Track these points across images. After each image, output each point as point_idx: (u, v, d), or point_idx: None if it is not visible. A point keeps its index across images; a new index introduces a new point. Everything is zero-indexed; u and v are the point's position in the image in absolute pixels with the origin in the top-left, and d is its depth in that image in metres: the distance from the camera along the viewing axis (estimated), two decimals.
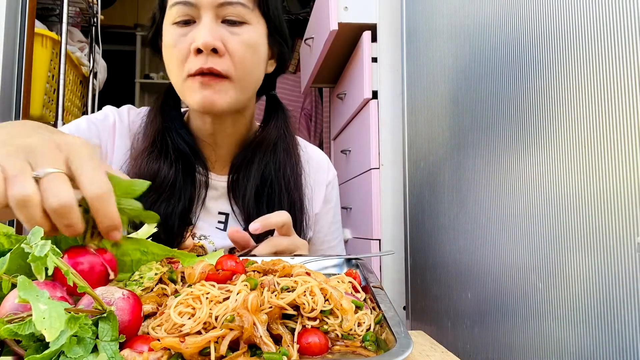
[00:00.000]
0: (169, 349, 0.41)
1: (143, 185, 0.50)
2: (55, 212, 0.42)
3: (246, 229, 0.87)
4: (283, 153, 0.90)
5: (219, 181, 0.89)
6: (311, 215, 0.96)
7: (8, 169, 0.41)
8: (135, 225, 0.60)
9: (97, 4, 2.16)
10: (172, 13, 0.79)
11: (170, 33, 0.80)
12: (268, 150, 0.88)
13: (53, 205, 0.42)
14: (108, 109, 0.91)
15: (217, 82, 0.78)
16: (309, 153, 0.98)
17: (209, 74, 0.77)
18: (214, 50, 0.76)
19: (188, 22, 0.79)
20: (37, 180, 0.42)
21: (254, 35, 0.80)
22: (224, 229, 0.88)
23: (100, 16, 2.17)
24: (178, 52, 0.78)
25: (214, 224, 0.88)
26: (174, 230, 0.82)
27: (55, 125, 1.71)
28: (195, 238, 0.86)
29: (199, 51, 0.76)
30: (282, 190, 0.88)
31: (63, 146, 0.45)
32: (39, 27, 1.64)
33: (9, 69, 1.36)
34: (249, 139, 0.91)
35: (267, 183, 0.87)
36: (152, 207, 0.81)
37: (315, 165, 0.99)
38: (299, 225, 0.90)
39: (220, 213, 0.89)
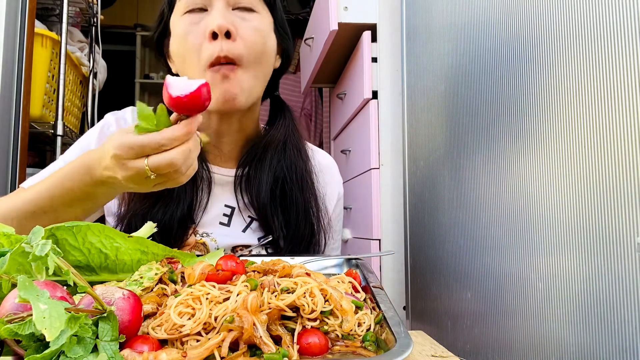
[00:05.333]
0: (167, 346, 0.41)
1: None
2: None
3: (255, 223, 0.87)
4: (293, 151, 0.90)
5: (223, 175, 0.89)
6: (328, 212, 0.95)
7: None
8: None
9: (97, 4, 2.16)
10: (182, 4, 0.81)
11: (181, 23, 0.81)
12: (278, 148, 0.89)
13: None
14: (110, 117, 0.90)
15: (234, 73, 0.78)
16: (318, 159, 0.97)
17: (226, 64, 0.78)
18: (227, 35, 0.77)
19: (199, 11, 0.80)
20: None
21: (262, 22, 0.83)
22: (228, 224, 0.88)
23: (100, 16, 2.16)
24: (193, 39, 0.79)
25: (217, 219, 0.87)
26: (173, 235, 0.81)
27: (55, 124, 1.71)
28: (198, 235, 0.85)
29: (213, 36, 0.77)
30: (295, 189, 0.88)
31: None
32: (39, 27, 1.64)
33: (9, 69, 1.36)
34: (254, 137, 0.91)
35: (279, 180, 0.87)
36: (149, 213, 0.80)
37: (328, 173, 0.98)
38: (315, 224, 0.89)
39: (226, 206, 0.88)
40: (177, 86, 0.54)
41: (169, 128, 0.56)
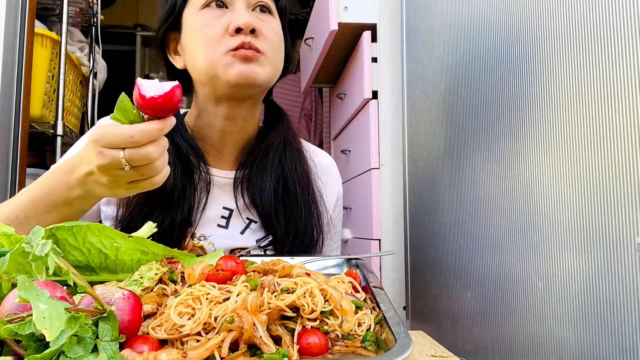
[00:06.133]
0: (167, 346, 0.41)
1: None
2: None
3: (254, 224, 0.87)
4: (294, 152, 0.91)
5: (222, 177, 0.89)
6: (328, 212, 0.95)
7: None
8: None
9: (97, 4, 2.16)
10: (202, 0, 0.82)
11: (200, 16, 0.81)
12: (279, 149, 0.89)
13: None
14: (102, 122, 0.89)
15: (258, 57, 0.79)
16: (317, 159, 0.97)
17: (250, 50, 0.79)
18: (252, 31, 0.79)
19: (219, 6, 0.81)
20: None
21: (278, 26, 0.86)
22: (226, 226, 0.88)
23: (100, 16, 2.16)
24: (214, 30, 0.79)
25: (215, 221, 0.87)
26: (173, 240, 0.81)
27: (55, 124, 1.71)
28: (195, 238, 0.85)
29: (237, 31, 0.79)
30: (297, 189, 0.88)
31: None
32: (39, 27, 1.64)
33: (9, 69, 1.36)
34: (254, 139, 0.91)
35: (281, 181, 0.88)
36: (149, 218, 0.79)
37: (327, 173, 0.99)
38: (316, 223, 0.90)
39: (224, 208, 0.88)
40: (150, 87, 0.54)
41: (142, 123, 0.56)
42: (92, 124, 2.10)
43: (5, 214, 0.69)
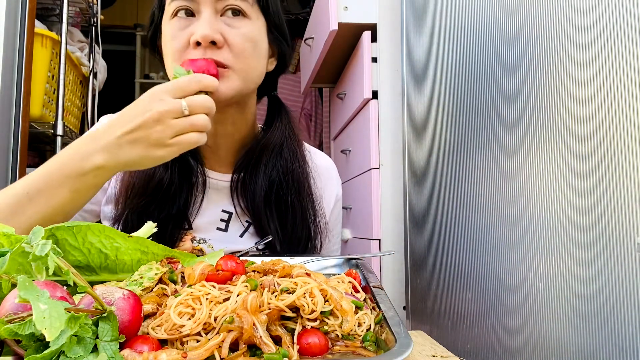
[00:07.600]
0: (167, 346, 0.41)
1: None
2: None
3: (252, 226, 0.87)
4: (289, 155, 0.89)
5: (220, 180, 0.89)
6: (326, 214, 0.95)
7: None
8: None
9: (97, 4, 2.15)
10: (171, 8, 0.79)
11: (169, 27, 0.80)
12: (274, 152, 0.88)
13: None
14: (105, 119, 0.90)
15: (219, 71, 0.76)
16: (316, 160, 0.96)
17: None
18: (213, 43, 0.76)
19: (187, 16, 0.79)
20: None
21: (253, 29, 0.80)
22: (225, 229, 0.88)
23: (100, 16, 2.16)
24: (177, 44, 0.78)
25: (215, 224, 0.87)
26: (168, 233, 0.81)
27: (55, 124, 1.71)
28: (195, 242, 0.85)
29: (198, 44, 0.76)
30: (291, 192, 0.87)
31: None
32: (39, 27, 1.64)
33: (9, 69, 1.36)
34: (251, 140, 0.90)
35: (274, 184, 0.86)
36: (145, 211, 0.80)
37: (325, 174, 0.98)
38: (312, 227, 0.89)
39: (223, 211, 0.88)
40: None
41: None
42: (92, 124, 2.10)
43: (15, 191, 0.68)
